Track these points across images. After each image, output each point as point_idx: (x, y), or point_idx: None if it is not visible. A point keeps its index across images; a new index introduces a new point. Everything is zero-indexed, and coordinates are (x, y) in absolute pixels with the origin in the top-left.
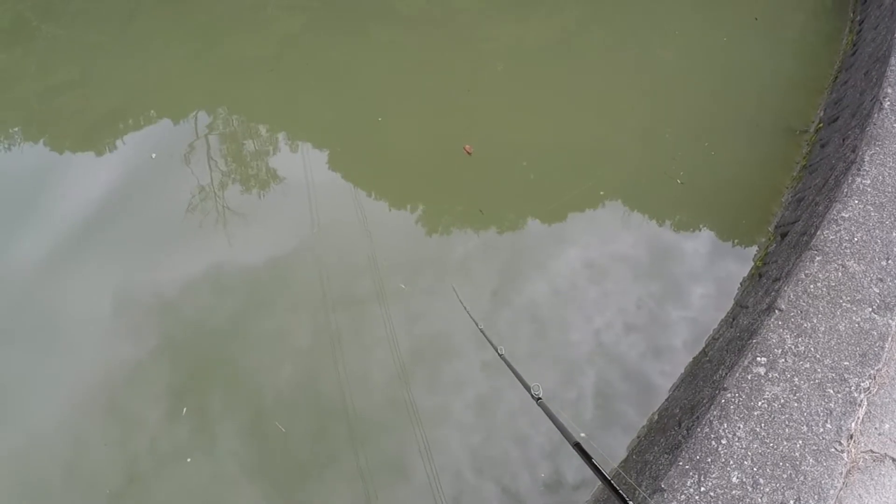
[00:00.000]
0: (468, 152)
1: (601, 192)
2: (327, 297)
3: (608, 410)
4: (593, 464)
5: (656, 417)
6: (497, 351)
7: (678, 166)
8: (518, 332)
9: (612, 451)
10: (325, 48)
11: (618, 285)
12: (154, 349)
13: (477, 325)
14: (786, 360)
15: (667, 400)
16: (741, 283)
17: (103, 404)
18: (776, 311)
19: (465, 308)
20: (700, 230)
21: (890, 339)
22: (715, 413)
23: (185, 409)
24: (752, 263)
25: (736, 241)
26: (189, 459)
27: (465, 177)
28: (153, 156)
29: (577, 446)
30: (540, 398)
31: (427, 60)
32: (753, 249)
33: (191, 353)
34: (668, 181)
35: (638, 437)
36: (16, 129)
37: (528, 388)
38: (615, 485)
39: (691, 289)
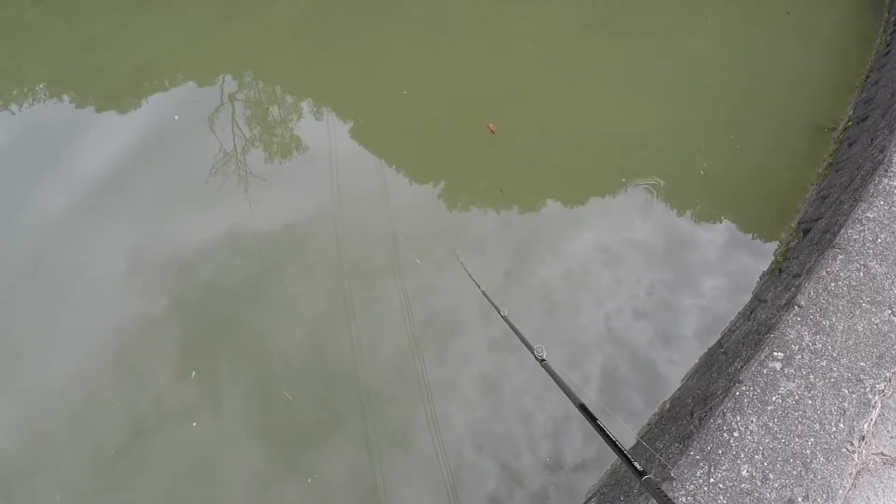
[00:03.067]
0: (492, 131)
1: (623, 179)
2: (343, 265)
3: (616, 396)
4: (598, 425)
5: (668, 406)
6: (500, 312)
7: (702, 157)
8: (529, 312)
9: (621, 437)
10: (353, 17)
11: (633, 272)
12: (167, 308)
13: (479, 286)
14: (802, 357)
15: (679, 389)
16: (760, 277)
17: (114, 361)
18: (795, 308)
19: (467, 271)
20: (721, 222)
21: None
22: (728, 405)
23: (194, 373)
24: (773, 258)
25: (757, 234)
26: (195, 423)
27: (488, 155)
28: (175, 118)
29: (582, 407)
30: (544, 360)
31: (455, 36)
32: (774, 244)
33: (203, 313)
34: (691, 171)
35: (648, 424)
36: (41, 84)
37: (531, 350)
38: (620, 445)
39: (708, 280)
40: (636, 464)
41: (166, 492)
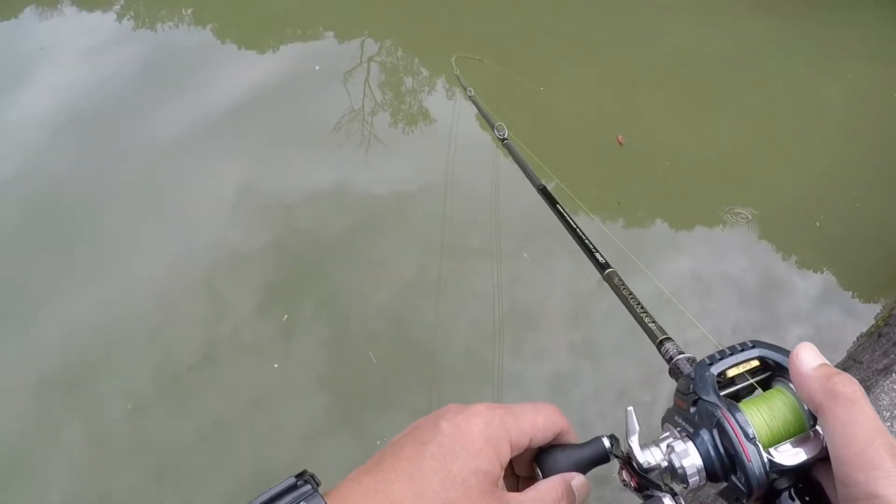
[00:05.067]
0: (620, 143)
1: (743, 217)
2: (442, 242)
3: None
4: (558, 209)
5: None
6: (467, 92)
7: (820, 209)
8: (608, 324)
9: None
10: (501, 4)
11: (721, 304)
12: (262, 247)
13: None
14: (892, 426)
15: None
16: (858, 338)
17: (201, 285)
18: (893, 375)
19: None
20: (824, 275)
21: None
22: None
23: (286, 316)
24: (873, 321)
25: (857, 294)
26: (276, 365)
27: (610, 165)
28: (317, 68)
29: (543, 190)
30: (506, 139)
31: (602, 41)
32: (874, 308)
33: (296, 260)
34: (806, 221)
35: None
36: (188, 10)
37: (493, 127)
38: (581, 233)
39: (800, 331)
40: (598, 255)
41: (222, 420)
